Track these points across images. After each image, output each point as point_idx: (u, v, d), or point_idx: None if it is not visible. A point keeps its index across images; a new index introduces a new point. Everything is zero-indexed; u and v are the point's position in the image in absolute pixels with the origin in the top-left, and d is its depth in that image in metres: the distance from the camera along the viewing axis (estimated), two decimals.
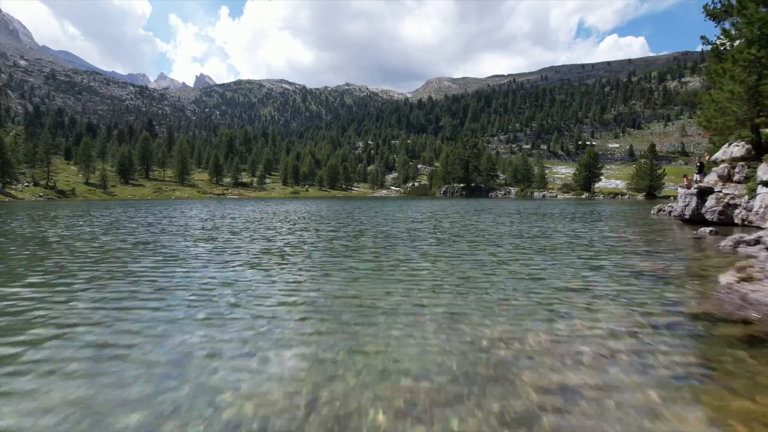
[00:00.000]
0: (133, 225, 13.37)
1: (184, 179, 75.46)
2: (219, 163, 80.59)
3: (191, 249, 8.17)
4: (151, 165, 76.22)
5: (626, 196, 60.72)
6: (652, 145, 59.40)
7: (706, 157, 13.60)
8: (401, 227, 12.30)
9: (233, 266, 6.35)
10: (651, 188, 57.33)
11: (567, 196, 64.69)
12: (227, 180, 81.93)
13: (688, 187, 13.99)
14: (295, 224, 13.68)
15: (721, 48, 12.79)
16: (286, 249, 8.09)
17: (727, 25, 12.47)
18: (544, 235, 10.26)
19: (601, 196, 62.18)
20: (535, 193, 69.62)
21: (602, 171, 69.61)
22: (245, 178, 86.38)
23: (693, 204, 11.65)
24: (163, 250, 7.94)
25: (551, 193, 68.82)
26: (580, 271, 5.98)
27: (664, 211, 16.20)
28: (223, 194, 67.35)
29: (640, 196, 57.76)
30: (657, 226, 12.20)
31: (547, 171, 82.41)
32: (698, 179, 13.47)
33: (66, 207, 28.14)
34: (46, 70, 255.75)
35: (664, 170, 60.16)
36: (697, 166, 14.01)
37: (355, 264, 6.38)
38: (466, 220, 15.23)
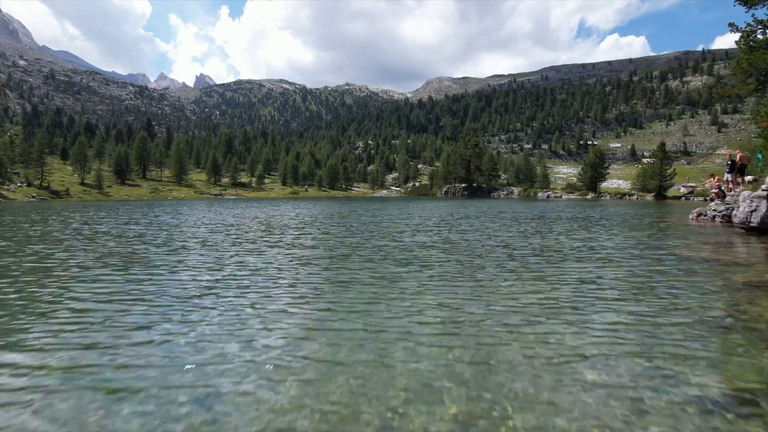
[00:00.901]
0: (68, 237, 10.63)
1: (181, 179, 74.56)
2: (217, 163, 79.67)
3: (87, 286, 5.46)
4: (149, 165, 75.29)
5: (634, 197, 58.80)
6: (662, 144, 57.41)
7: (738, 155, 12.45)
8: (405, 240, 9.84)
9: (122, 321, 3.97)
10: (660, 188, 55.44)
11: (572, 196, 62.96)
12: (225, 180, 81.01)
13: (718, 187, 12.93)
14: (270, 235, 11.20)
15: (752, 36, 11.67)
16: (230, 282, 5.53)
17: (760, 12, 11.31)
18: (597, 255, 7.67)
19: (607, 197, 60.29)
20: (539, 194, 67.78)
21: (608, 171, 67.84)
22: (244, 178, 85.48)
23: (763, 209, 9.63)
24: (41, 289, 5.33)
25: (555, 193, 67.03)
26: (716, 344, 3.41)
27: (705, 215, 13.77)
28: (220, 194, 66.46)
29: (649, 197, 55.84)
30: (720, 237, 10.05)
31: (548, 171, 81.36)
32: (729, 179, 12.38)
33: (43, 209, 26.69)
34: (46, 69, 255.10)
35: (674, 170, 58.09)
36: (727, 164, 12.85)
37: (326, 334, 3.66)
38: (482, 228, 12.93)
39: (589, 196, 60.75)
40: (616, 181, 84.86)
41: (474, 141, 72.16)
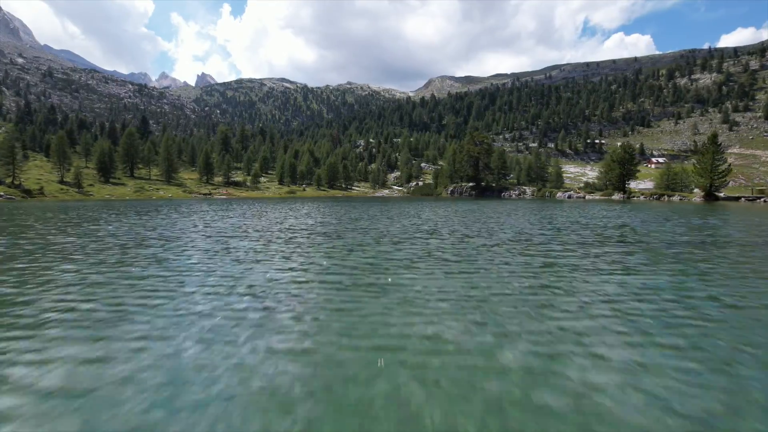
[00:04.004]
0: None
1: (171, 178, 70.69)
2: (210, 161, 75.88)
3: None
4: (137, 163, 71.35)
5: (675, 197, 50.57)
6: (714, 135, 50.20)
7: None
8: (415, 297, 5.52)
9: None
10: (711, 188, 48.63)
11: (596, 196, 56.67)
12: (218, 179, 77.29)
13: None
14: (171, 270, 7.33)
15: None
16: None
17: None
18: None
19: (641, 197, 52.55)
20: (558, 194, 61.84)
21: (638, 169, 60.14)
22: (239, 177, 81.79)
23: None
24: None
25: (578, 193, 60.43)
26: None
27: None
28: (209, 194, 62.52)
29: (697, 198, 48.62)
30: None
31: (550, 170, 76.64)
32: None
33: None
34: (44, 67, 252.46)
35: (729, 166, 50.32)
36: None
37: None
38: (546, 251, 9.09)
39: (615, 197, 54.57)
40: None
41: (482, 137, 67.87)
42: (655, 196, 52.10)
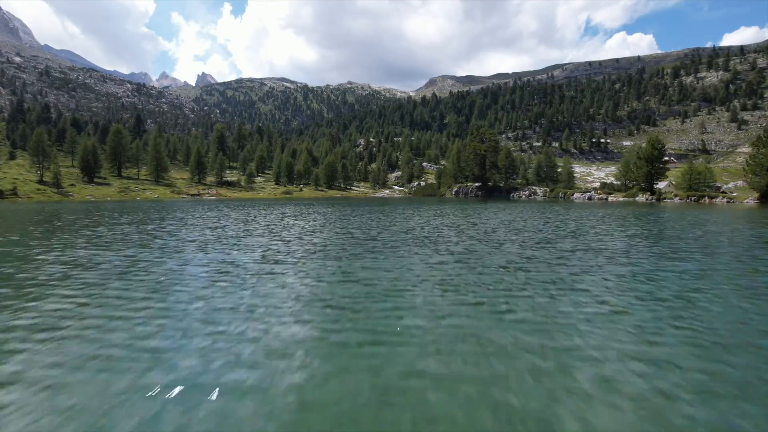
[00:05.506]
0: None
1: (160, 178, 67.42)
2: (201, 160, 72.48)
3: None
4: (125, 162, 67.96)
5: (719, 199, 44.09)
6: None
7: None
8: None
9: None
10: None
11: (619, 198, 51.10)
12: (211, 179, 73.97)
13: None
14: None
15: None
16: None
17: None
18: None
19: (675, 200, 45.80)
20: (575, 195, 56.46)
21: (668, 167, 54.32)
22: (233, 177, 78.52)
23: None
24: None
25: (599, 194, 54.56)
26: None
27: None
28: (198, 194, 59.12)
29: (750, 200, 42.38)
30: None
31: (560, 169, 72.86)
32: None
33: None
34: (41, 66, 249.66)
35: None
36: None
37: None
38: None
39: (641, 198, 48.89)
40: None
41: (490, 133, 64.24)
42: (693, 198, 45.54)
